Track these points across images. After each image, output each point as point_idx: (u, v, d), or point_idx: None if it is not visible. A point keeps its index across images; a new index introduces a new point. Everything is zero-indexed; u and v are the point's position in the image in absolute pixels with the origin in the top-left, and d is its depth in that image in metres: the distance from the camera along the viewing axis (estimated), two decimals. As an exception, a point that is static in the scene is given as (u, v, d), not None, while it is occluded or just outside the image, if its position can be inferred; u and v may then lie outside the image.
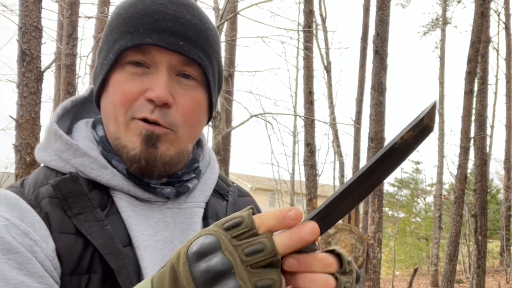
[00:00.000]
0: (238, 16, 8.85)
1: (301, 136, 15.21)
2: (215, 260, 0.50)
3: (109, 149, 0.82)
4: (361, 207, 11.26)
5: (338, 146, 12.77)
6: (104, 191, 0.80)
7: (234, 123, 10.02)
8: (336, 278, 0.56)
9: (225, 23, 7.30)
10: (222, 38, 8.47)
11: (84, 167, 0.80)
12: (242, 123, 7.41)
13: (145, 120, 0.78)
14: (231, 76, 9.21)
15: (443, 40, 17.65)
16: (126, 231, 0.77)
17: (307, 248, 0.53)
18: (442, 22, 18.02)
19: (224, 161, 7.59)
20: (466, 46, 10.87)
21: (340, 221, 10.70)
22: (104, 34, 0.85)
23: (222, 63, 0.89)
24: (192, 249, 0.51)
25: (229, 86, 8.69)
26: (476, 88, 9.57)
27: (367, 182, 0.52)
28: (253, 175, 22.22)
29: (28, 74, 4.04)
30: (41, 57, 4.16)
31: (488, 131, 15.18)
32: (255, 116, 7.72)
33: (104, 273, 0.73)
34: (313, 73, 8.72)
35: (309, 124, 8.36)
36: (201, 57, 0.80)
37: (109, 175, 0.80)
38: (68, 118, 0.90)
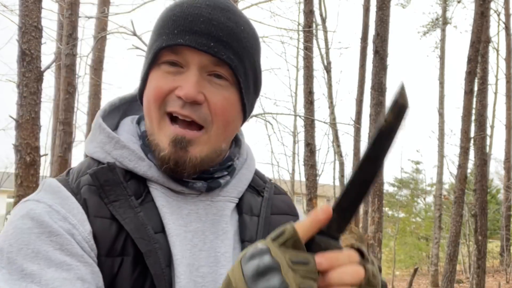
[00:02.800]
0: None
1: (301, 136, 15.20)
2: (265, 258, 0.58)
3: (147, 144, 0.87)
4: (361, 207, 11.24)
5: (338, 146, 12.77)
6: (141, 182, 0.84)
7: (234, 123, 9.98)
8: (364, 267, 0.63)
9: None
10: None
11: (123, 158, 0.85)
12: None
13: (175, 116, 0.82)
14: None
15: (443, 40, 17.66)
16: (159, 219, 0.82)
17: (331, 246, 0.60)
18: (442, 22, 18.03)
19: (224, 161, 7.57)
20: (466, 46, 10.87)
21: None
22: (150, 35, 0.90)
23: (260, 66, 0.92)
24: (245, 255, 0.61)
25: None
26: (476, 88, 9.56)
27: (369, 168, 0.58)
28: (253, 175, 22.16)
29: (28, 74, 4.04)
30: (41, 57, 4.16)
31: (488, 131, 15.19)
32: (255, 116, 7.72)
33: (135, 256, 0.78)
34: (313, 73, 8.73)
35: (309, 124, 8.36)
36: (231, 58, 0.83)
37: (145, 167, 0.84)
38: (117, 115, 0.96)
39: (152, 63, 0.85)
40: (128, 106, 0.98)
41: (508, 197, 15.66)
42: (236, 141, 0.97)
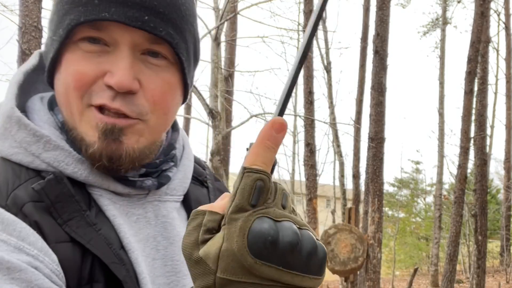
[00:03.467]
0: (238, 16, 8.85)
1: (301, 136, 15.22)
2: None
3: (72, 139, 0.70)
4: (361, 207, 11.25)
5: (338, 146, 12.77)
6: (83, 188, 0.69)
7: (234, 123, 10.01)
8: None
9: (225, 23, 7.30)
10: (222, 38, 8.46)
11: (59, 162, 0.68)
12: (242, 123, 7.40)
13: (104, 108, 0.66)
14: (231, 76, 9.21)
15: (443, 40, 17.66)
16: (115, 232, 0.68)
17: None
18: (442, 22, 18.02)
19: (224, 161, 7.58)
20: (466, 46, 10.88)
21: (340, 221, 10.69)
22: (53, 1, 0.71)
23: (198, 34, 0.76)
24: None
25: (229, 86, 8.69)
26: (476, 88, 9.56)
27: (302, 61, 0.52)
28: (253, 175, 22.18)
29: (28, 74, 4.05)
30: (41, 57, 4.17)
31: (488, 131, 15.19)
32: (255, 116, 7.71)
33: (107, 282, 0.65)
34: (313, 73, 8.73)
35: (309, 124, 8.36)
36: (171, 34, 0.67)
37: (86, 171, 0.68)
38: (18, 92, 0.75)
39: (65, 39, 0.67)
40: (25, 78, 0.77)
41: (508, 197, 15.66)
42: (173, 125, 0.82)
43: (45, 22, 4.18)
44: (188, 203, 0.79)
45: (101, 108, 0.67)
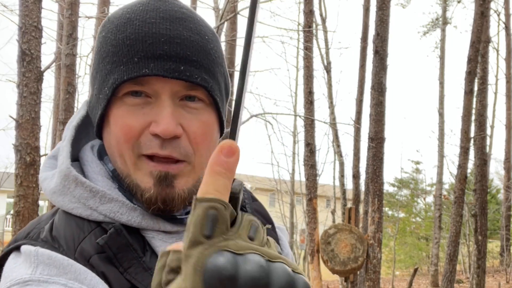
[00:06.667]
0: (238, 16, 8.85)
1: (301, 136, 15.21)
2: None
3: (124, 187, 0.77)
4: (361, 207, 11.25)
5: (338, 146, 12.78)
6: (137, 233, 0.75)
7: (234, 123, 9.98)
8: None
9: (225, 23, 7.30)
10: (222, 38, 8.47)
11: (114, 213, 0.74)
12: (242, 123, 7.41)
13: (155, 157, 0.73)
14: (231, 76, 9.21)
15: (443, 40, 17.66)
16: None
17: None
18: (442, 22, 18.02)
19: (224, 161, 7.56)
20: (466, 46, 10.87)
21: (340, 221, 10.68)
22: (93, 61, 0.78)
23: (227, 70, 0.83)
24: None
25: (229, 86, 8.67)
26: (476, 88, 9.56)
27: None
28: (253, 175, 22.20)
29: (28, 74, 4.04)
30: (41, 57, 4.16)
31: (488, 131, 15.18)
32: (255, 116, 7.72)
33: None
34: (313, 73, 8.72)
35: (309, 124, 8.36)
36: (205, 79, 0.74)
37: (139, 217, 0.75)
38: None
39: (111, 97, 0.73)
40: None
41: (508, 197, 15.66)
42: None
43: (45, 22, 4.18)
44: None
45: (151, 156, 0.73)
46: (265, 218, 0.92)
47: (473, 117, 9.48)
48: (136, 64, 0.71)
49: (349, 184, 12.76)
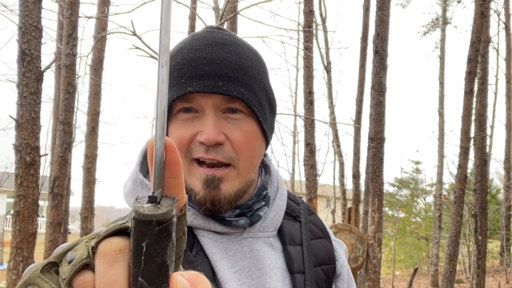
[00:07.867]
0: (238, 16, 8.85)
1: (301, 136, 15.22)
2: None
3: None
4: (361, 207, 11.25)
5: (338, 146, 12.78)
6: (189, 231, 0.86)
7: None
8: None
9: (225, 23, 7.29)
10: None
11: None
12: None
13: (202, 161, 0.84)
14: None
15: (443, 40, 17.65)
16: (210, 267, 0.84)
17: None
18: (442, 22, 18.02)
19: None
20: (466, 46, 10.87)
21: (340, 221, 10.66)
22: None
23: (270, 86, 0.93)
24: None
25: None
26: (476, 88, 9.56)
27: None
28: (253, 175, 22.19)
29: (28, 74, 4.04)
30: (41, 57, 4.16)
31: (488, 131, 15.19)
32: (255, 116, 7.70)
33: None
34: (313, 73, 8.71)
35: (309, 124, 8.36)
36: (241, 92, 0.85)
37: (191, 217, 0.86)
38: (145, 162, 0.95)
39: (169, 115, 0.86)
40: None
41: (508, 197, 15.66)
42: (266, 168, 0.99)
43: (45, 22, 4.18)
44: (282, 237, 0.94)
45: (200, 161, 0.85)
46: (321, 231, 1.02)
47: (473, 117, 9.47)
48: (183, 84, 0.84)
49: (349, 184, 12.78)
